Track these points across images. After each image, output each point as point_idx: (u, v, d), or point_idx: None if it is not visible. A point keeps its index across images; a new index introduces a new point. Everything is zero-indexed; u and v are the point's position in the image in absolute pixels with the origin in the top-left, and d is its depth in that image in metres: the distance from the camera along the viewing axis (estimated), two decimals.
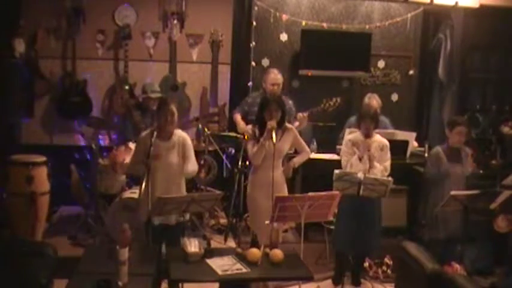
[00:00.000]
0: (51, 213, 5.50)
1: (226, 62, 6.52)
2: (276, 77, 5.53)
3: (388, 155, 4.61)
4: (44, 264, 3.54)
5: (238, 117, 5.68)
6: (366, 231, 4.49)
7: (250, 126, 4.52)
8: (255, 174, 4.45)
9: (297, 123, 5.34)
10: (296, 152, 4.66)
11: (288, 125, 4.49)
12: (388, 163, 4.58)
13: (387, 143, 4.64)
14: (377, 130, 5.48)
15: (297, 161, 4.59)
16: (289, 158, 4.69)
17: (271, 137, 4.18)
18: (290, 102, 5.59)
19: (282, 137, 4.37)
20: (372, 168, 4.45)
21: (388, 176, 4.44)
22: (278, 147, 4.28)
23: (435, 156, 4.90)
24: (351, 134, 4.75)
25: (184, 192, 4.24)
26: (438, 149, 4.93)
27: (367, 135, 4.58)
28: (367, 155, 4.47)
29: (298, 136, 4.53)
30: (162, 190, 4.03)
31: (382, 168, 4.50)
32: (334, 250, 4.84)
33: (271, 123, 4.23)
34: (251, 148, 4.37)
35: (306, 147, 4.62)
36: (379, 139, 4.65)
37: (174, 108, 4.10)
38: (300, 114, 5.35)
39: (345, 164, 4.57)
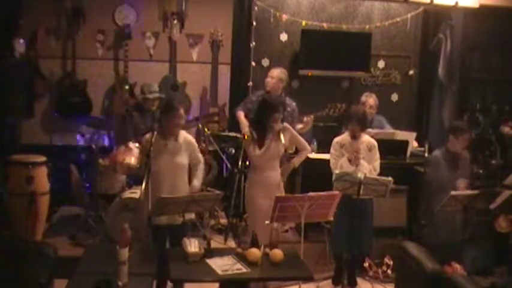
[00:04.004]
0: (51, 213, 5.49)
1: (226, 62, 6.52)
2: (276, 71, 5.53)
3: (377, 155, 4.58)
4: (44, 264, 3.53)
5: (241, 114, 5.62)
6: (360, 231, 4.49)
7: (247, 129, 4.55)
8: (254, 174, 4.46)
9: (300, 126, 5.35)
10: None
11: (285, 124, 4.51)
12: (377, 163, 4.56)
13: (375, 143, 4.61)
14: (375, 130, 5.50)
15: (297, 161, 4.61)
16: (288, 158, 4.70)
17: (280, 139, 4.23)
18: (293, 104, 5.57)
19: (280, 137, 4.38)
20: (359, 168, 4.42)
21: (387, 176, 4.43)
22: (277, 148, 4.32)
23: (434, 162, 4.81)
24: (338, 136, 4.72)
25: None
26: (437, 154, 4.82)
27: (354, 136, 4.56)
28: (354, 157, 4.45)
29: (296, 133, 4.56)
30: (169, 189, 4.03)
31: (370, 168, 4.48)
32: (333, 252, 4.84)
33: (279, 126, 4.30)
34: (253, 150, 4.38)
35: (307, 145, 4.63)
36: (367, 139, 4.62)
37: (182, 111, 4.14)
38: (305, 118, 5.39)
39: (334, 167, 4.53)
